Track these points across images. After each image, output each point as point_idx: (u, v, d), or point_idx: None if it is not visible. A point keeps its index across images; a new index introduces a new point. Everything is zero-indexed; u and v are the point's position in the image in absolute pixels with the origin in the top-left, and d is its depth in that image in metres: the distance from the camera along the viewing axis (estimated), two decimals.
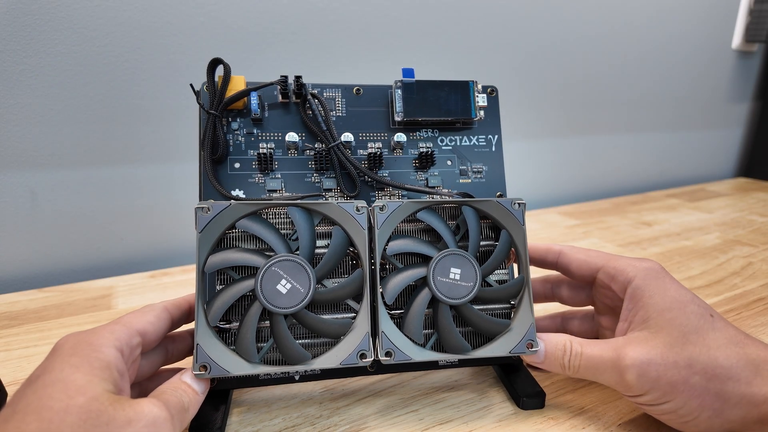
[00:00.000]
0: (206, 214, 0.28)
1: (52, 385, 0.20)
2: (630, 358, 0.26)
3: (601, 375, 0.28)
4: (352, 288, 0.29)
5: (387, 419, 0.30)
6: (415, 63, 0.62)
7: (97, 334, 0.24)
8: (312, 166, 0.33)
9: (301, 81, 0.32)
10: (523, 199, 0.31)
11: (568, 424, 0.30)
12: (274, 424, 0.30)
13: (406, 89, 0.34)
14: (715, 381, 0.25)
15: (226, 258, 0.28)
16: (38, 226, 0.52)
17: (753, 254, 0.58)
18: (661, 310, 0.27)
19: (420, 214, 0.30)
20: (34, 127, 0.49)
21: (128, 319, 0.26)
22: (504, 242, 0.31)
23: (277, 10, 0.55)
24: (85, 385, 0.21)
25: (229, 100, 0.31)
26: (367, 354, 0.28)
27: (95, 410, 0.20)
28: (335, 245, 0.29)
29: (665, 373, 0.25)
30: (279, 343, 0.27)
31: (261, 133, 0.33)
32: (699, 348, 0.26)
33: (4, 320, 0.42)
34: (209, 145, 0.31)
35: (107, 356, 0.23)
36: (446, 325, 0.29)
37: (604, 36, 0.79)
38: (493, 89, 0.36)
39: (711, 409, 0.25)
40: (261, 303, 0.27)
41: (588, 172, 0.87)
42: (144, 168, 0.54)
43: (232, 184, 0.32)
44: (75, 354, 0.22)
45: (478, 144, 0.36)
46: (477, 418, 0.30)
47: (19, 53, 0.46)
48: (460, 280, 0.29)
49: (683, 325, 0.26)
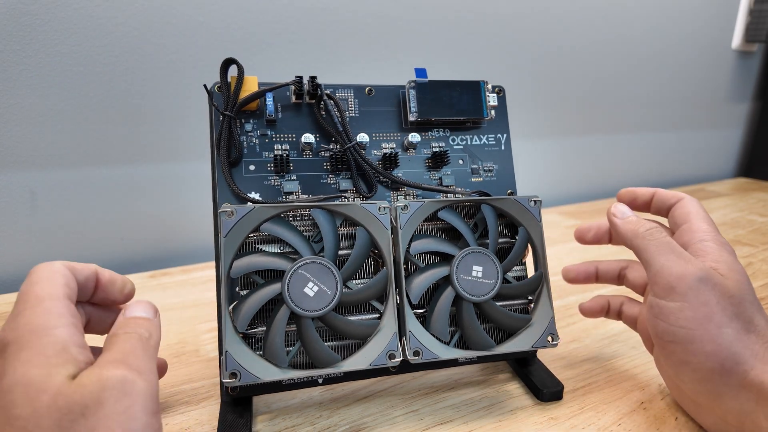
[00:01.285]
0: (231, 218, 0.27)
1: (11, 391, 0.19)
2: (705, 266, 0.27)
3: (666, 256, 0.28)
4: (377, 288, 0.29)
5: (387, 419, 0.30)
6: (420, 63, 0.63)
7: (38, 307, 0.21)
8: (327, 167, 0.33)
9: (316, 81, 0.32)
10: (539, 196, 0.32)
11: (568, 424, 0.30)
12: (274, 423, 0.30)
13: (420, 89, 0.34)
14: (739, 344, 0.25)
15: (252, 262, 0.27)
16: (38, 226, 0.51)
17: (753, 254, 0.58)
18: (730, 266, 0.28)
19: (441, 213, 0.31)
20: (34, 127, 0.48)
21: (55, 263, 0.23)
22: (522, 239, 0.32)
23: (277, 10, 0.55)
24: (44, 380, 0.19)
25: (244, 101, 0.31)
26: (396, 354, 0.28)
27: (64, 405, 0.19)
28: (359, 246, 0.29)
29: (715, 305, 0.26)
30: (308, 347, 0.27)
31: (275, 134, 0.33)
32: (745, 315, 0.26)
33: (4, 320, 0.40)
34: (225, 148, 0.30)
35: (58, 335, 0.20)
36: (471, 323, 0.30)
37: (604, 37, 0.80)
38: (500, 89, 0.37)
39: (719, 362, 0.25)
40: (289, 307, 0.27)
41: (588, 172, 0.88)
42: (144, 168, 0.54)
43: (248, 186, 0.32)
44: (23, 347, 0.20)
45: (488, 143, 0.37)
46: (477, 418, 0.30)
47: (19, 53, 0.45)
48: (482, 277, 0.30)
49: (745, 291, 0.27)
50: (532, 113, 0.78)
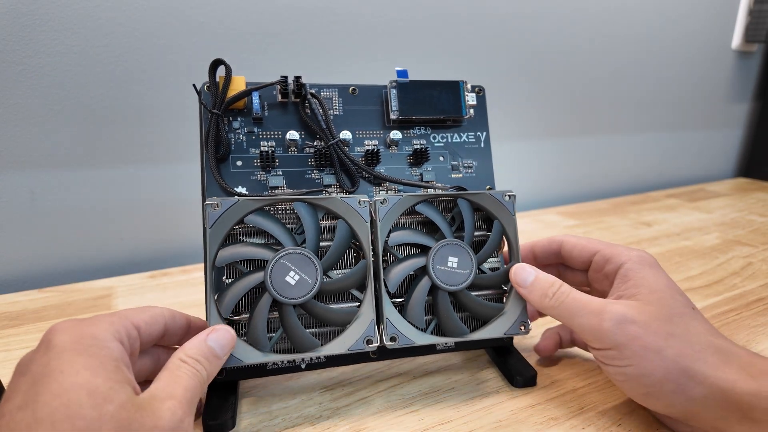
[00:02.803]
0: (216, 210, 0.29)
1: (75, 391, 0.20)
2: (615, 310, 0.27)
3: (580, 317, 0.28)
4: (357, 278, 0.30)
5: (387, 419, 0.30)
6: (407, 63, 0.63)
7: (96, 326, 0.23)
8: (312, 164, 0.34)
9: (300, 81, 0.34)
10: (513, 191, 0.34)
11: (568, 424, 0.30)
12: (274, 424, 0.30)
13: (401, 89, 0.36)
14: (685, 358, 0.26)
15: (236, 252, 0.29)
16: (38, 226, 0.51)
17: (752, 254, 0.58)
18: (652, 290, 0.28)
19: (419, 206, 0.32)
20: (34, 127, 0.48)
21: (125, 312, 0.26)
22: (497, 232, 0.33)
23: (277, 11, 0.56)
24: (108, 392, 0.20)
25: (231, 99, 0.32)
26: (373, 339, 0.30)
27: (125, 419, 0.20)
28: (340, 238, 0.30)
29: (643, 335, 0.26)
30: (289, 333, 0.29)
31: (261, 131, 0.34)
32: (679, 329, 0.27)
33: (4, 320, 0.42)
34: (213, 144, 0.32)
35: (114, 353, 0.22)
36: (446, 311, 0.31)
37: (604, 36, 0.79)
38: (480, 89, 0.38)
39: (675, 383, 0.26)
40: (271, 294, 0.28)
41: (588, 172, 0.87)
42: (144, 168, 0.54)
43: (235, 181, 0.33)
44: (81, 352, 0.21)
45: (467, 141, 0.38)
46: (477, 418, 0.30)
47: (19, 53, 0.46)
48: (457, 268, 0.31)
49: (670, 306, 0.28)
50: (533, 113, 0.78)
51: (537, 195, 0.83)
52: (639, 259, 0.30)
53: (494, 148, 0.39)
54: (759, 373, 0.25)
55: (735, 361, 0.26)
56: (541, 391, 0.33)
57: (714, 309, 0.45)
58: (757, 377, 0.25)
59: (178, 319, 0.28)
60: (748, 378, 0.25)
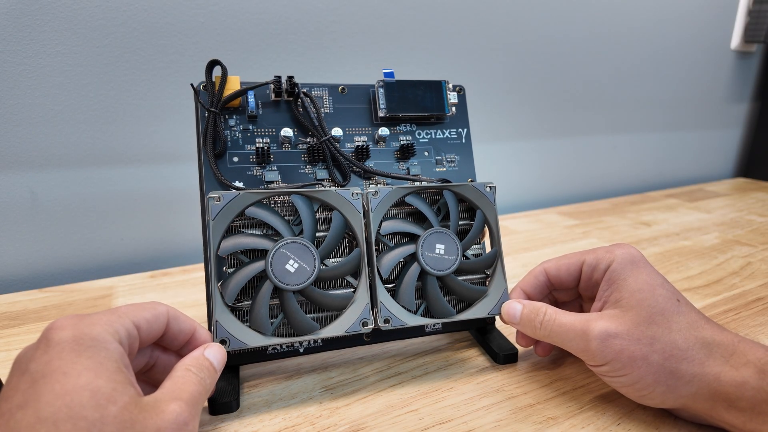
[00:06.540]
0: (217, 203, 0.30)
1: (77, 392, 0.20)
2: (597, 329, 0.28)
3: (569, 341, 0.30)
4: (352, 265, 0.33)
5: (387, 419, 0.30)
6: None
7: (96, 326, 0.23)
8: (305, 159, 0.36)
9: (293, 81, 0.35)
10: (494, 183, 0.36)
11: (568, 424, 0.30)
12: (274, 423, 0.30)
13: (388, 88, 0.38)
14: (671, 360, 0.27)
15: (238, 242, 0.31)
16: (38, 226, 0.51)
17: (752, 254, 0.58)
18: (633, 291, 0.29)
19: (408, 198, 0.34)
20: (34, 127, 0.48)
21: (127, 309, 0.25)
22: (479, 220, 0.36)
23: (277, 11, 0.56)
24: (111, 393, 0.20)
25: (228, 98, 0.34)
26: (369, 321, 0.32)
27: (128, 420, 0.20)
28: (335, 228, 0.33)
29: (628, 347, 0.28)
30: (290, 317, 0.31)
31: (256, 129, 0.36)
32: (662, 329, 0.28)
33: (4, 320, 0.42)
34: (211, 141, 0.33)
35: (114, 354, 0.22)
36: (434, 294, 0.34)
37: (603, 36, 0.80)
38: (461, 88, 0.41)
39: (665, 384, 0.27)
40: (272, 281, 0.30)
41: (587, 172, 0.88)
42: (144, 168, 0.54)
43: (232, 176, 0.35)
44: (81, 353, 0.21)
45: (450, 137, 0.41)
46: (477, 417, 0.31)
47: (19, 53, 0.46)
48: (444, 254, 0.34)
49: (651, 306, 0.28)
50: (532, 114, 0.78)
51: (537, 195, 0.84)
52: (620, 259, 0.31)
53: (495, 149, 0.41)
54: (741, 365, 0.26)
55: (719, 353, 0.27)
56: (540, 390, 0.33)
57: (713, 309, 0.45)
58: (739, 368, 0.26)
59: (182, 322, 0.28)
60: (731, 370, 0.26)
